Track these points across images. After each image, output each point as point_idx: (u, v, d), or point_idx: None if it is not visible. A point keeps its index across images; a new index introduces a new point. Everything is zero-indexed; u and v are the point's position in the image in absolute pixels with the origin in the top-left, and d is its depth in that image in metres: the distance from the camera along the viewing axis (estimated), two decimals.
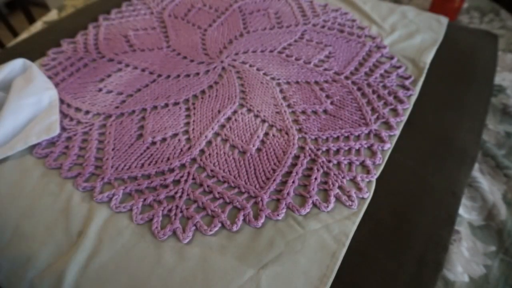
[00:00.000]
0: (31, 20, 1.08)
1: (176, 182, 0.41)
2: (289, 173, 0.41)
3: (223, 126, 0.47)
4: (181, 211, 0.38)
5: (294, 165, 0.42)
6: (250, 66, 0.56)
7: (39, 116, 0.46)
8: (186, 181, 0.41)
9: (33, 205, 0.39)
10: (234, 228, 0.36)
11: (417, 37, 0.61)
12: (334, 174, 0.41)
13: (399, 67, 0.56)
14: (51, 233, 0.37)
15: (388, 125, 0.47)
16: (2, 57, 0.61)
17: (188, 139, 0.46)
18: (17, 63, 0.49)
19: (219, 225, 0.37)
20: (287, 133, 0.46)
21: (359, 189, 0.40)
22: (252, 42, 0.61)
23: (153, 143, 0.45)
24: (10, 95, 0.43)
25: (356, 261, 0.35)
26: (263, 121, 0.48)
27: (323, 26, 0.65)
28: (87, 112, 0.50)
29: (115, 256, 0.35)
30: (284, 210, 0.38)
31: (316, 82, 0.53)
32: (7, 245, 0.37)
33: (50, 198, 0.40)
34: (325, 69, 0.55)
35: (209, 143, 0.45)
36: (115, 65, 0.57)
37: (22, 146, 0.43)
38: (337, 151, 0.44)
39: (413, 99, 0.51)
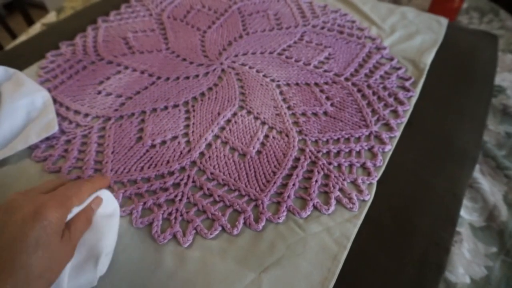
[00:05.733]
0: (30, 22, 1.08)
1: (176, 185, 0.41)
2: (289, 176, 0.41)
3: (223, 128, 0.47)
4: (181, 215, 0.38)
5: (294, 167, 0.42)
6: (250, 68, 0.56)
7: (36, 117, 0.46)
8: (186, 184, 0.41)
9: None
10: (235, 232, 0.36)
11: (417, 38, 0.61)
12: (335, 177, 0.41)
13: (399, 68, 0.55)
14: None
15: (388, 127, 0.47)
16: (1, 60, 0.61)
17: (188, 142, 0.45)
18: None
19: (220, 228, 0.37)
20: (287, 135, 0.46)
21: (360, 191, 0.40)
22: (252, 44, 0.61)
23: (153, 146, 0.45)
24: (2, 99, 0.43)
25: (357, 264, 0.35)
26: (263, 123, 0.48)
27: (322, 28, 0.64)
28: (86, 115, 0.50)
29: (114, 260, 0.35)
30: (285, 213, 0.38)
31: (316, 84, 0.53)
32: None
33: None
34: (325, 71, 0.55)
35: (209, 145, 0.45)
36: (114, 68, 0.57)
37: (22, 146, 0.43)
38: (338, 153, 0.44)
39: (414, 100, 0.51)
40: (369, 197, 0.39)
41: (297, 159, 0.43)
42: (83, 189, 0.29)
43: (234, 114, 0.49)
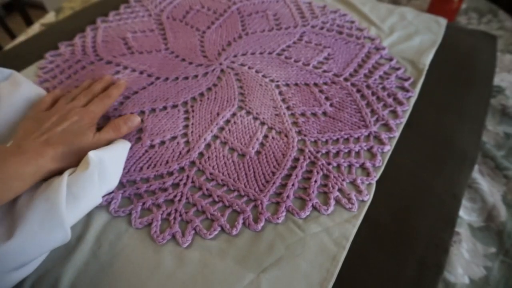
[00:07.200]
0: (29, 23, 1.08)
1: (175, 185, 0.41)
2: (288, 176, 0.41)
3: (222, 128, 0.47)
4: (180, 215, 0.38)
5: (293, 167, 0.42)
6: (249, 68, 0.56)
7: None
8: (185, 184, 0.41)
9: None
10: (234, 232, 0.36)
11: (416, 39, 0.61)
12: (334, 177, 0.41)
13: (398, 69, 0.56)
14: None
15: (387, 127, 0.47)
16: (0, 60, 0.61)
17: (187, 142, 0.45)
18: None
19: (219, 228, 0.37)
20: (286, 136, 0.46)
21: (359, 191, 0.40)
22: (251, 44, 0.61)
23: (152, 146, 0.45)
24: (0, 100, 0.43)
25: (356, 265, 0.35)
26: (263, 123, 0.48)
27: (322, 28, 0.64)
28: None
29: (113, 261, 0.35)
30: (284, 213, 0.38)
31: (315, 84, 0.53)
32: None
33: None
34: (324, 71, 0.55)
35: (208, 146, 0.45)
36: (113, 68, 0.57)
37: None
38: (337, 154, 0.44)
39: (413, 100, 0.51)
40: (368, 198, 0.39)
41: (296, 160, 0.43)
42: (113, 95, 0.47)
43: (233, 115, 0.49)
